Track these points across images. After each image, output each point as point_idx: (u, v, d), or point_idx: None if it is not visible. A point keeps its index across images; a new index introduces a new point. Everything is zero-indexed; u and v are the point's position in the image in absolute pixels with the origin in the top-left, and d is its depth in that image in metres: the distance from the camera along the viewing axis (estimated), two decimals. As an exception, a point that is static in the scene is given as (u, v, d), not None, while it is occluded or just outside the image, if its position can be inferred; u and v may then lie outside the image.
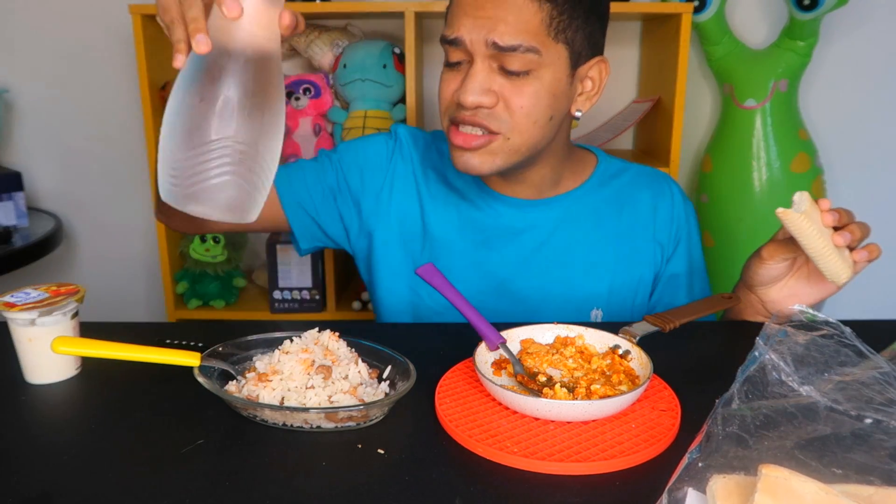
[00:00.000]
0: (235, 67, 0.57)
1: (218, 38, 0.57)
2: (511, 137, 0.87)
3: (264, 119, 0.59)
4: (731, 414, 0.57)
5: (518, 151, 0.89)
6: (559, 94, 0.88)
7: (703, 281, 1.07)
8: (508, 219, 0.99)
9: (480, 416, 0.65)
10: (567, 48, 0.86)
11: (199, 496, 0.55)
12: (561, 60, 0.86)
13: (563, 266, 0.99)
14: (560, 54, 0.86)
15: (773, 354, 0.60)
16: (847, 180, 2.02)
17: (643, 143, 1.98)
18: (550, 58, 0.85)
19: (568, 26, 0.85)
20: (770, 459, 0.51)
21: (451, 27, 0.86)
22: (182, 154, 0.57)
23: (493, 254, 0.99)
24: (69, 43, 1.96)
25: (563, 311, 0.98)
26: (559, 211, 1.00)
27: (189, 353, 0.70)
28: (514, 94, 0.85)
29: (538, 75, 0.85)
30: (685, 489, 0.51)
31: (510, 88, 0.85)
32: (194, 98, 0.57)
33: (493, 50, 0.83)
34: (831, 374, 0.61)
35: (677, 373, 0.73)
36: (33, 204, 2.03)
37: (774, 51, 1.81)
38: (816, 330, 0.65)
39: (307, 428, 0.64)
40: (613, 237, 1.00)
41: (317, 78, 1.80)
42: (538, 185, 0.98)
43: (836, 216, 0.79)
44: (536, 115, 0.87)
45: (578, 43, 0.87)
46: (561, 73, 0.87)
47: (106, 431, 0.65)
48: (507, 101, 0.86)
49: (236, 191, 0.59)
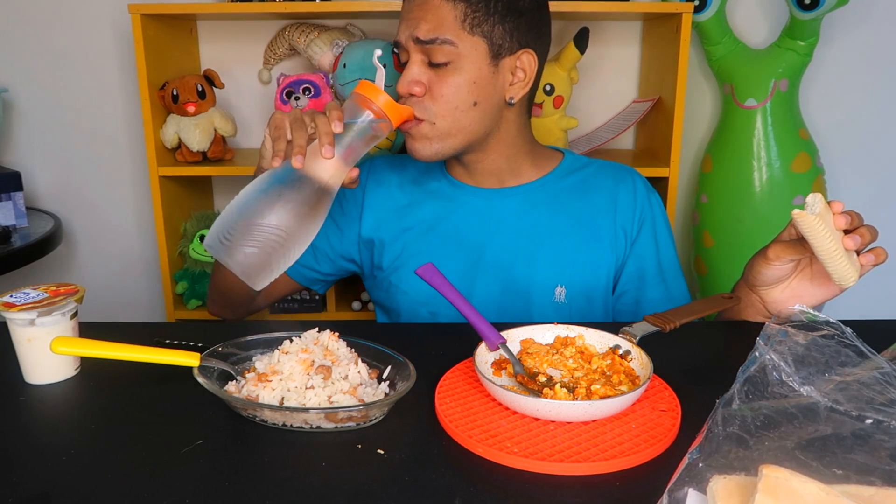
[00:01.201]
0: (308, 187, 0.75)
1: (308, 163, 0.76)
2: (436, 122, 0.98)
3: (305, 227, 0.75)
4: (731, 414, 0.57)
5: (450, 134, 0.99)
6: (481, 82, 0.98)
7: (677, 279, 1.10)
8: (473, 206, 1.08)
9: (480, 416, 0.65)
10: (485, 41, 0.96)
11: (199, 496, 0.55)
12: (479, 52, 0.97)
13: (528, 248, 1.05)
14: (478, 46, 0.96)
15: (774, 355, 0.60)
16: (847, 180, 2.02)
17: (643, 143, 1.98)
18: (467, 49, 0.96)
19: (483, 21, 0.96)
20: (771, 460, 0.51)
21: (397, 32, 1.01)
22: (242, 221, 0.72)
23: (462, 240, 1.06)
24: (69, 43, 1.96)
25: (527, 291, 1.04)
26: (522, 196, 1.07)
27: (189, 353, 0.70)
28: (437, 84, 0.97)
29: (458, 66, 0.96)
30: (685, 489, 0.50)
31: (435, 79, 0.97)
32: (273, 192, 0.74)
33: (418, 44, 0.96)
34: (832, 374, 0.61)
35: (677, 373, 0.73)
36: (32, 204, 2.03)
37: (775, 50, 1.81)
38: (817, 330, 0.65)
39: (307, 428, 0.64)
40: (575, 219, 1.06)
41: (317, 78, 1.80)
42: (497, 174, 1.07)
43: (848, 219, 0.79)
44: (457, 102, 0.97)
45: (497, 36, 0.97)
46: (481, 63, 0.97)
47: (105, 431, 0.65)
48: (431, 91, 0.97)
49: (258, 262, 0.72)
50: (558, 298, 1.04)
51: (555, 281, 1.04)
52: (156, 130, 1.75)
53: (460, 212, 1.08)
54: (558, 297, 1.04)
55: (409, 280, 1.07)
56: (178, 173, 1.80)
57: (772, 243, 0.88)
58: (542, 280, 1.04)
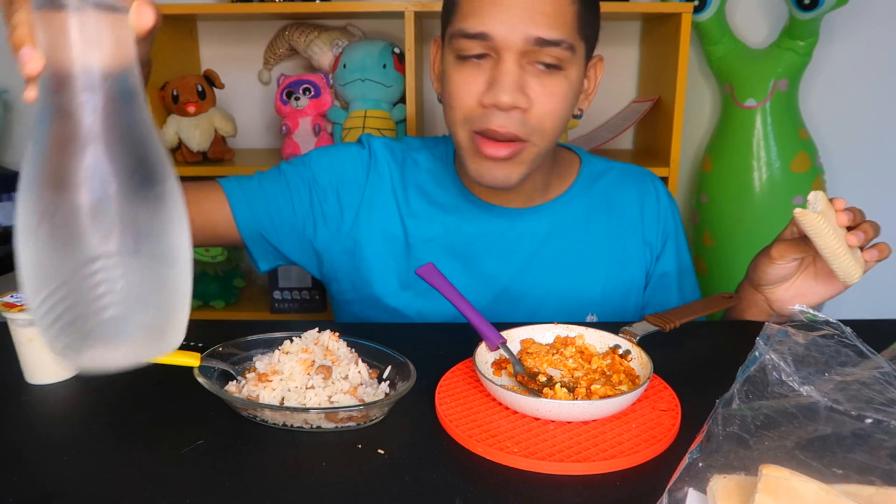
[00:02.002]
0: (90, 104, 0.40)
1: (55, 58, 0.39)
2: (539, 144, 0.83)
3: (156, 200, 0.42)
4: (731, 414, 0.57)
5: (540, 156, 0.85)
6: (580, 93, 0.86)
7: (692, 280, 1.06)
8: (498, 228, 0.96)
9: (480, 416, 0.65)
10: (586, 45, 0.83)
11: (199, 496, 0.55)
12: (581, 57, 0.83)
13: (556, 273, 0.96)
14: (581, 51, 0.83)
15: (774, 354, 0.60)
16: (847, 180, 2.02)
17: (643, 143, 1.98)
18: (579, 55, 0.82)
19: (588, 22, 0.82)
20: (770, 459, 0.51)
21: (476, 19, 0.78)
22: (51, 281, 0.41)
23: (483, 266, 0.95)
24: (69, 43, 1.96)
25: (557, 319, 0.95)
26: (549, 218, 0.97)
27: (189, 353, 0.70)
28: (546, 97, 0.80)
29: (567, 74, 0.81)
30: (685, 489, 0.50)
31: (541, 90, 0.80)
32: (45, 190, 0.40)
33: (533, 45, 0.77)
34: (832, 374, 0.61)
35: (677, 373, 0.73)
36: (33, 204, 2.03)
37: (774, 50, 1.81)
38: (817, 330, 0.65)
39: (307, 428, 0.64)
40: (604, 240, 0.98)
41: (316, 78, 1.80)
42: (529, 193, 0.95)
43: (850, 215, 0.78)
44: (564, 116, 0.82)
45: (591, 39, 0.85)
46: (581, 70, 0.84)
47: (106, 431, 0.65)
48: (540, 104, 0.80)
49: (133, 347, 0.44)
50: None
51: (586, 310, 0.97)
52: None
53: (484, 238, 0.95)
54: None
55: (415, 305, 0.96)
56: (179, 173, 1.79)
57: (774, 242, 0.86)
58: (573, 311, 0.96)
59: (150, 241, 0.42)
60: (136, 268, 0.42)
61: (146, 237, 0.42)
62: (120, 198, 0.40)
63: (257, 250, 0.98)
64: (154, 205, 0.42)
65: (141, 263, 0.42)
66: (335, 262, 0.99)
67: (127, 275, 0.42)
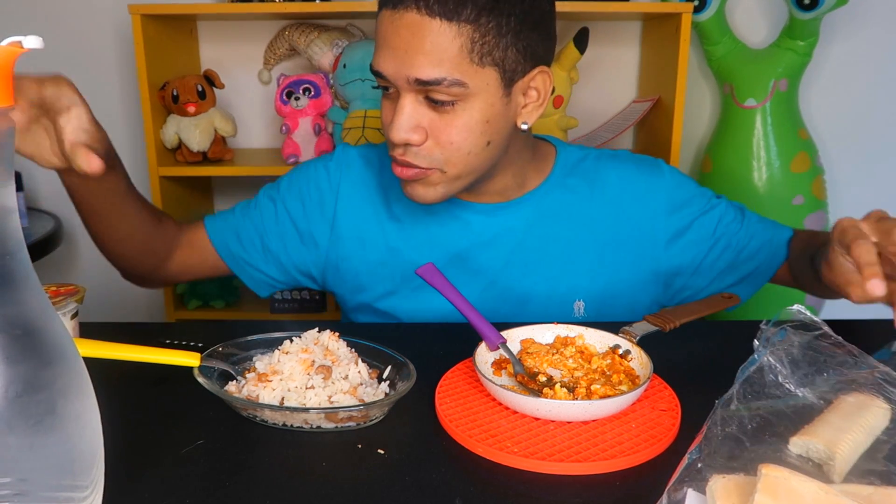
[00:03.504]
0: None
1: None
2: (446, 170, 0.84)
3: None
4: (730, 414, 0.57)
5: (459, 178, 0.85)
6: (494, 118, 0.83)
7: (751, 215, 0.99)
8: (479, 225, 0.96)
9: (480, 416, 0.65)
10: (497, 69, 0.80)
11: (199, 496, 0.55)
12: (491, 85, 0.80)
13: (542, 263, 0.96)
14: (490, 78, 0.80)
15: (771, 356, 0.60)
16: (847, 180, 2.02)
17: (643, 143, 1.98)
18: (478, 85, 0.79)
19: (495, 47, 0.78)
20: (769, 460, 0.51)
21: (375, 58, 0.82)
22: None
23: (468, 262, 0.96)
24: (69, 43, 1.96)
25: (544, 311, 0.95)
26: (529, 210, 0.96)
27: (189, 353, 0.70)
28: (442, 130, 0.81)
29: (466, 106, 0.80)
30: (685, 489, 0.51)
31: (439, 123, 0.81)
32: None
33: (416, 85, 0.79)
34: (829, 375, 0.61)
35: (677, 373, 0.73)
36: (33, 204, 2.03)
37: (774, 50, 1.81)
38: (814, 331, 0.65)
39: (307, 428, 0.64)
40: (588, 225, 0.96)
41: (316, 78, 1.80)
42: (503, 191, 0.95)
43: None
44: (469, 147, 0.82)
45: (511, 61, 0.80)
46: (493, 97, 0.81)
47: (106, 431, 0.65)
48: (436, 137, 0.81)
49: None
50: (577, 313, 0.97)
51: (573, 296, 0.96)
52: (156, 131, 1.75)
53: (466, 233, 0.96)
54: (577, 312, 0.97)
55: (405, 306, 0.98)
56: (179, 173, 1.80)
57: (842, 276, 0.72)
58: (559, 297, 0.96)
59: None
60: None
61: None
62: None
63: (251, 281, 1.04)
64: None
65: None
66: (327, 276, 1.02)
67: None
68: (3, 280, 0.40)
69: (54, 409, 0.41)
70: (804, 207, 1.82)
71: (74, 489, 0.43)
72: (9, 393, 0.39)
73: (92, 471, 0.45)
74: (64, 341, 0.43)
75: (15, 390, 0.39)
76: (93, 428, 0.45)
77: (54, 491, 0.42)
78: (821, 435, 0.54)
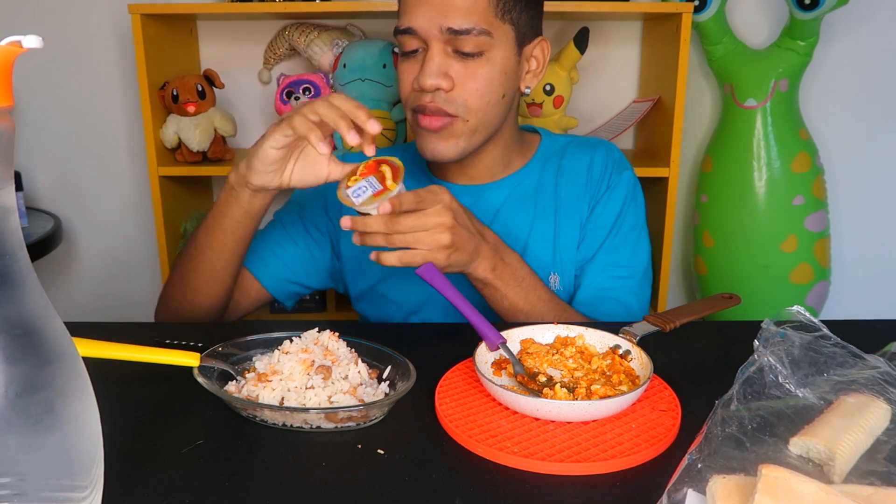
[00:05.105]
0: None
1: None
2: (469, 119, 0.93)
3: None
4: (730, 415, 0.57)
5: (477, 131, 0.95)
6: (509, 73, 0.95)
7: (629, 284, 1.04)
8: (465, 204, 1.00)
9: (480, 416, 0.65)
10: (513, 28, 0.93)
11: (199, 496, 0.55)
12: (508, 40, 0.93)
13: (520, 240, 1.02)
14: (507, 34, 0.93)
15: (771, 356, 0.60)
16: (847, 180, 2.02)
17: (643, 143, 1.98)
18: (500, 38, 0.92)
19: (513, 7, 0.92)
20: (769, 460, 0.51)
21: (404, 17, 0.92)
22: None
23: None
24: (69, 43, 1.96)
25: None
26: (506, 190, 1.05)
27: (189, 353, 0.70)
28: (468, 78, 0.92)
29: (490, 57, 0.92)
30: (685, 490, 0.51)
31: (464, 72, 0.91)
32: None
33: (448, 34, 0.89)
34: (829, 375, 0.61)
35: (677, 373, 0.73)
36: (32, 204, 2.03)
37: (775, 50, 1.81)
38: (814, 331, 0.65)
39: (307, 428, 0.64)
40: (559, 204, 1.04)
41: (316, 78, 1.80)
42: (490, 168, 1.04)
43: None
44: (490, 96, 0.93)
45: (523, 23, 0.94)
46: (509, 52, 0.94)
47: (105, 431, 0.65)
48: (462, 84, 0.92)
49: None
50: (554, 286, 1.02)
51: (548, 269, 1.03)
52: (156, 130, 1.75)
53: None
54: (553, 285, 1.03)
55: (398, 289, 1.04)
56: (178, 173, 1.80)
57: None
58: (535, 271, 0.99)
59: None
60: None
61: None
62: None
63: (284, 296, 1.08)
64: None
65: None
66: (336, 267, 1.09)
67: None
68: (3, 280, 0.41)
69: (53, 408, 0.42)
70: (804, 208, 1.82)
71: (74, 489, 0.44)
72: (8, 392, 0.40)
73: (91, 471, 0.45)
74: (64, 341, 0.44)
75: (14, 390, 0.40)
76: (92, 428, 0.46)
77: (54, 491, 0.43)
78: (821, 435, 0.54)
